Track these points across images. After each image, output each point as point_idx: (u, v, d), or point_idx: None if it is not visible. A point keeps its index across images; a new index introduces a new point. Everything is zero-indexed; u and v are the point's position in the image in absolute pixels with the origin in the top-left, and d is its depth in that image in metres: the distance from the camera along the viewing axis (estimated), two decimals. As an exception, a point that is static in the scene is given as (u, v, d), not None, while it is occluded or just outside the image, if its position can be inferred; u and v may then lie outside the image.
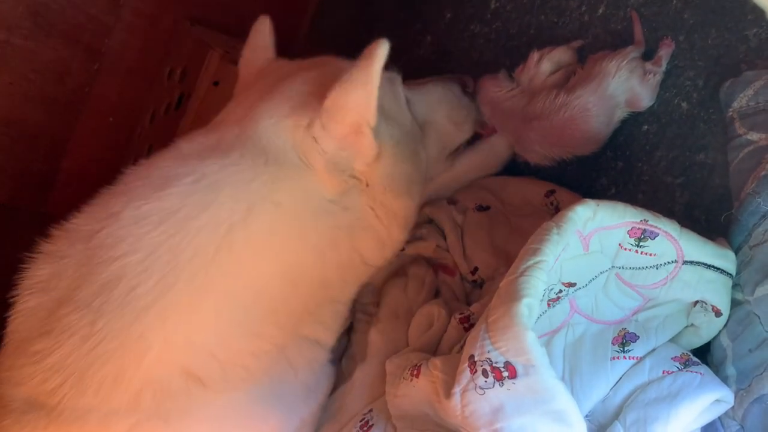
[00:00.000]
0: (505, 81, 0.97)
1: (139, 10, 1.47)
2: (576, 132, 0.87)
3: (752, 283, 0.69)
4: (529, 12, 1.04)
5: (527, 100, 0.92)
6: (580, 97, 0.85)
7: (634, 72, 0.84)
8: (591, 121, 0.85)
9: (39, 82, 1.46)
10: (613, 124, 0.88)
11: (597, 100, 0.84)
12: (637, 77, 0.85)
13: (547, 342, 0.72)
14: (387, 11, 1.31)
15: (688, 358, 0.69)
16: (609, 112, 0.86)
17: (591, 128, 0.86)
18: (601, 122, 0.86)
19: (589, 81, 0.85)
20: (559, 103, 0.86)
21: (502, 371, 0.58)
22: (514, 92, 0.95)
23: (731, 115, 0.78)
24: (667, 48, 0.86)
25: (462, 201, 0.98)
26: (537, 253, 0.63)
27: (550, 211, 0.90)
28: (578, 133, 0.87)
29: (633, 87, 0.85)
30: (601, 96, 0.84)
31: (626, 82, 0.84)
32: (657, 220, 0.68)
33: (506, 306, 0.59)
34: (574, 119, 0.86)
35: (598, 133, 0.87)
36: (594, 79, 0.85)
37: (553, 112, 0.87)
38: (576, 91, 0.85)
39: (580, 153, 0.90)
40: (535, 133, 0.90)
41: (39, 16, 1.40)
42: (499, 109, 0.95)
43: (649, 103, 0.86)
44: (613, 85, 0.84)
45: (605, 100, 0.85)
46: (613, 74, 0.84)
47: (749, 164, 0.74)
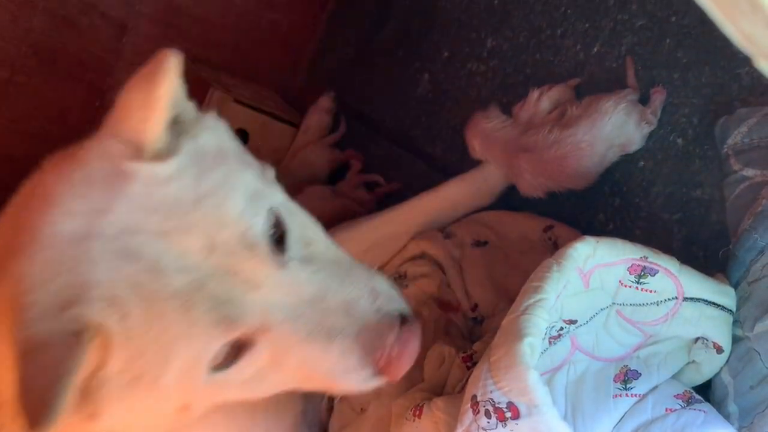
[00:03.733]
0: (495, 113, 0.98)
1: (141, 49, 1.49)
2: (567, 168, 0.88)
3: (752, 319, 0.69)
4: (525, 50, 1.06)
5: (520, 131, 0.93)
6: (574, 135, 0.86)
7: (630, 116, 0.86)
8: (582, 160, 0.86)
9: (41, 120, 1.48)
10: (605, 164, 0.88)
11: (591, 140, 0.85)
12: (633, 122, 0.86)
13: (548, 380, 0.72)
14: (385, 50, 1.33)
15: (690, 396, 0.69)
16: (602, 152, 0.87)
17: (582, 166, 0.87)
18: (593, 161, 0.87)
19: (585, 120, 0.86)
20: (552, 139, 0.87)
21: (505, 412, 0.58)
22: (506, 123, 0.96)
23: (726, 151, 0.79)
24: (659, 96, 0.87)
25: (458, 235, 0.98)
26: (538, 291, 0.63)
27: (549, 247, 0.91)
28: (569, 169, 0.88)
29: (628, 131, 0.86)
30: (595, 136, 0.85)
31: (623, 125, 0.85)
32: (657, 257, 0.69)
33: (508, 345, 0.59)
34: (565, 156, 0.87)
35: (588, 171, 0.88)
36: (589, 118, 0.86)
37: (545, 147, 0.88)
38: (570, 129, 0.87)
39: (570, 187, 0.91)
40: (525, 164, 0.91)
41: (42, 55, 1.42)
42: (490, 140, 0.96)
43: (638, 147, 0.88)
44: (608, 127, 0.85)
45: (599, 141, 0.86)
46: (609, 116, 0.85)
47: (745, 200, 0.75)
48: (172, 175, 0.58)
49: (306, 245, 0.66)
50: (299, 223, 0.67)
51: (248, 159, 0.68)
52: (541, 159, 0.89)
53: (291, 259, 0.62)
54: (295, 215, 0.67)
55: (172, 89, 0.60)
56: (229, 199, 0.60)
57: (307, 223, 0.69)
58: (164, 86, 0.59)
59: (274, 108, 1.41)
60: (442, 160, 1.17)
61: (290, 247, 0.63)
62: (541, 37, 1.04)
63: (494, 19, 1.12)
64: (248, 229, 0.59)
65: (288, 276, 0.61)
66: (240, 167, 0.64)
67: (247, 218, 0.60)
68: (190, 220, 0.57)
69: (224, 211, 0.59)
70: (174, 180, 0.58)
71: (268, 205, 0.63)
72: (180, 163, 0.59)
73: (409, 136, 1.23)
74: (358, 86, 1.38)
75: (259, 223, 0.60)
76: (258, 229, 0.60)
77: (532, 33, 1.06)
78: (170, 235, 0.56)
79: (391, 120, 1.28)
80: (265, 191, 0.65)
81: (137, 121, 0.59)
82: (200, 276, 0.56)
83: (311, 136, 1.39)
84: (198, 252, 0.56)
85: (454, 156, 1.14)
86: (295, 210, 0.69)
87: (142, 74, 0.62)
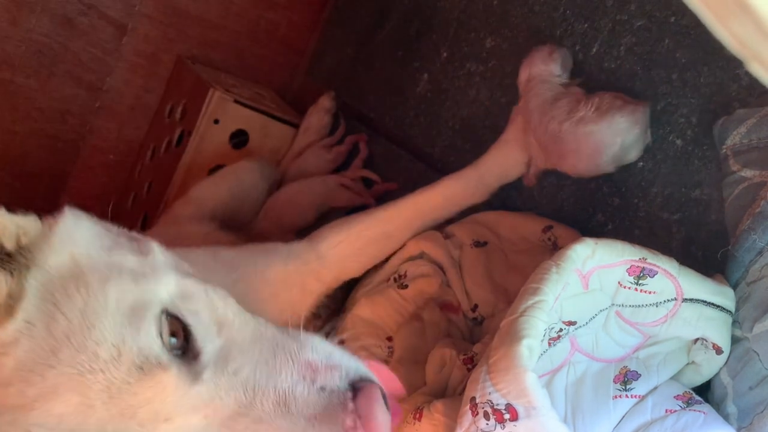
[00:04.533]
0: (558, 60, 0.95)
1: (141, 50, 1.49)
2: (581, 161, 0.87)
3: (750, 319, 0.69)
4: (524, 50, 1.06)
5: (554, 100, 0.91)
6: (598, 133, 0.85)
7: (646, 133, 0.86)
8: (598, 158, 0.86)
9: (41, 120, 1.48)
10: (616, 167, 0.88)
11: (600, 145, 0.85)
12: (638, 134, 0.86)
13: (548, 381, 0.72)
14: (384, 50, 1.33)
15: (690, 397, 0.69)
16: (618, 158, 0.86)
17: (596, 165, 0.87)
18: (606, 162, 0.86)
19: (600, 122, 0.85)
20: (581, 133, 0.86)
21: (504, 413, 0.58)
22: (554, 85, 0.93)
23: (725, 152, 0.79)
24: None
25: (458, 236, 0.98)
26: (536, 292, 0.63)
27: (548, 247, 0.91)
28: (582, 163, 0.87)
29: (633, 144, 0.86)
30: (606, 143, 0.85)
31: (641, 139, 0.86)
32: (655, 258, 0.69)
33: (506, 347, 0.59)
34: (580, 150, 0.86)
35: (598, 170, 0.88)
36: (605, 122, 0.85)
37: (558, 135, 0.87)
38: (585, 127, 0.85)
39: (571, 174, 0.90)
40: (536, 142, 0.91)
41: (42, 56, 1.42)
42: (530, 88, 0.94)
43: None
44: (618, 140, 0.85)
45: (621, 150, 0.85)
46: (624, 130, 0.84)
47: (744, 201, 0.75)
48: (18, 335, 0.48)
49: (219, 331, 0.56)
50: (206, 307, 0.57)
51: (118, 258, 0.57)
52: (558, 148, 0.88)
53: (205, 366, 0.53)
54: (197, 299, 0.57)
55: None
56: (93, 332, 0.49)
57: (214, 300, 0.59)
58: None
59: (274, 108, 1.41)
60: (441, 160, 1.17)
61: (201, 345, 0.54)
62: (540, 38, 1.04)
63: (493, 19, 1.12)
64: (135, 355, 0.49)
65: (204, 391, 0.51)
66: (103, 282, 0.53)
67: (128, 343, 0.49)
68: (53, 379, 0.47)
69: (90, 351, 0.48)
70: (22, 339, 0.48)
71: (157, 310, 0.53)
72: (25, 315, 0.49)
73: (408, 136, 1.23)
74: (358, 86, 1.38)
75: (147, 342, 0.51)
76: (150, 349, 0.50)
77: (531, 33, 1.06)
78: (36, 405, 0.47)
79: (391, 120, 1.28)
80: (147, 294, 0.54)
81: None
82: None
83: (311, 136, 1.39)
84: (75, 412, 0.47)
85: (454, 155, 1.14)
86: (197, 291, 0.58)
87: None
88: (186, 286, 0.58)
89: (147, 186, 1.45)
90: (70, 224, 0.58)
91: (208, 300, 0.58)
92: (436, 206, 0.97)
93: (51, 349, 0.48)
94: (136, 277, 0.55)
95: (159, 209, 1.34)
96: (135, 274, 0.56)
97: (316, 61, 1.55)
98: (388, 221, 0.97)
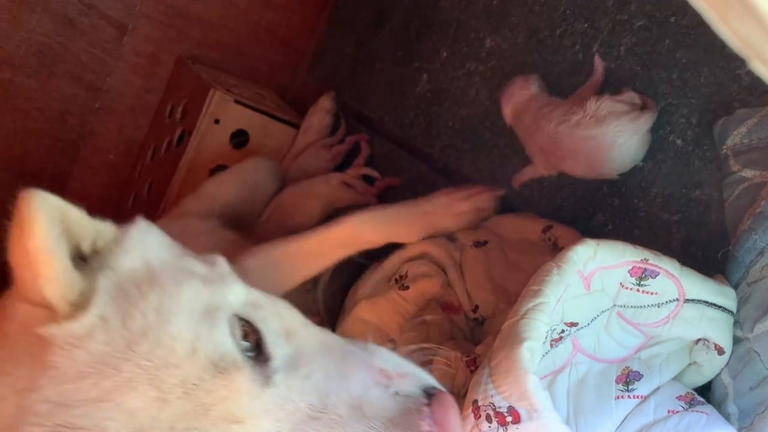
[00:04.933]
0: (535, 84, 0.97)
1: (141, 49, 1.49)
2: (578, 165, 0.87)
3: (751, 320, 0.69)
4: (524, 50, 1.06)
5: (549, 110, 0.91)
6: (597, 138, 0.84)
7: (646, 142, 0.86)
8: (597, 163, 0.86)
9: (41, 120, 1.48)
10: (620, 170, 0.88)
11: (602, 150, 0.85)
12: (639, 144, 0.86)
13: (550, 382, 0.72)
14: (384, 50, 1.33)
15: (693, 398, 0.69)
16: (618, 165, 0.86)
17: (594, 170, 0.87)
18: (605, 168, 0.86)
19: (603, 127, 0.84)
20: (578, 136, 0.86)
21: (506, 416, 0.58)
22: (541, 100, 0.94)
23: (725, 152, 0.79)
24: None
25: (460, 238, 0.98)
26: (538, 294, 0.64)
27: (548, 247, 0.91)
28: (580, 167, 0.88)
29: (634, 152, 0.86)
30: (608, 149, 0.85)
31: (642, 146, 0.86)
32: (657, 259, 0.69)
33: (508, 350, 0.60)
34: (577, 154, 0.86)
35: (597, 175, 0.88)
36: (607, 128, 0.84)
37: (562, 135, 0.87)
38: (587, 131, 0.85)
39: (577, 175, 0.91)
40: (540, 144, 0.91)
41: (42, 55, 1.42)
42: (522, 111, 0.95)
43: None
44: (622, 147, 0.85)
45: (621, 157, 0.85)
46: (625, 135, 0.84)
47: (745, 201, 0.75)
48: (92, 328, 0.49)
49: (288, 340, 0.56)
50: (274, 316, 0.57)
51: (188, 264, 0.58)
52: (551, 147, 0.89)
53: (276, 370, 0.52)
54: (265, 308, 0.57)
55: (48, 233, 0.50)
56: (170, 328, 0.50)
57: (281, 309, 0.59)
58: (37, 236, 0.49)
59: (275, 108, 1.42)
60: (441, 160, 1.17)
61: (272, 353, 0.54)
62: (540, 37, 1.04)
63: (493, 19, 1.12)
64: (210, 352, 0.50)
65: (276, 395, 0.51)
66: (176, 283, 0.54)
67: (204, 341, 0.50)
68: (127, 373, 0.48)
69: (167, 345, 0.49)
70: (96, 333, 0.49)
71: (228, 313, 0.54)
72: (99, 310, 0.50)
73: (408, 136, 1.23)
74: (358, 86, 1.38)
75: (222, 340, 0.51)
76: (225, 348, 0.51)
77: (530, 33, 1.06)
78: (109, 398, 0.47)
79: (390, 120, 1.28)
80: (218, 298, 0.55)
81: (32, 281, 0.50)
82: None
83: (312, 136, 1.39)
84: (149, 407, 0.47)
85: (453, 155, 1.14)
86: (264, 300, 0.59)
87: (15, 225, 0.51)
88: (254, 294, 0.59)
89: (147, 186, 1.46)
90: (143, 231, 0.59)
91: (275, 309, 0.58)
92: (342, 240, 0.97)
93: (127, 343, 0.49)
94: (206, 282, 0.56)
95: (160, 209, 1.34)
96: (205, 279, 0.57)
97: (317, 61, 1.55)
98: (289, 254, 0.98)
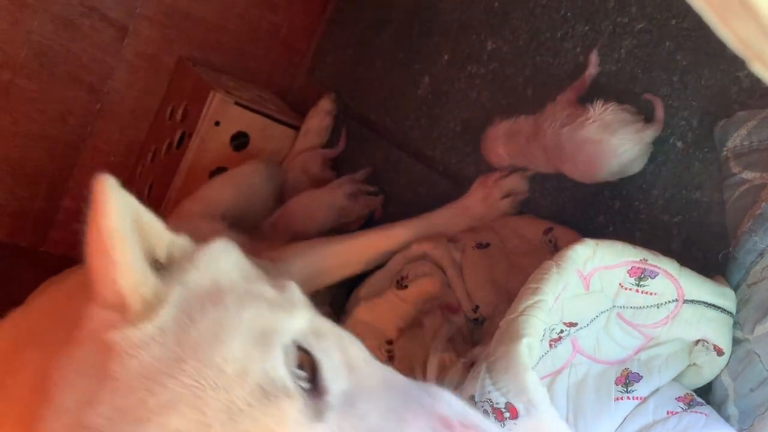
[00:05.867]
0: (505, 120, 0.99)
1: (141, 51, 1.50)
2: (577, 168, 0.88)
3: (751, 321, 0.69)
4: (525, 53, 1.07)
5: (537, 124, 0.93)
6: (598, 144, 0.84)
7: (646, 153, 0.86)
8: (596, 168, 0.86)
9: (41, 122, 1.49)
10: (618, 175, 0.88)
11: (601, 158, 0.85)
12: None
13: (550, 383, 0.72)
14: (386, 52, 1.33)
15: (692, 399, 0.69)
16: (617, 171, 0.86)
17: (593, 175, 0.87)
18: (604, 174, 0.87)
19: (602, 144, 0.84)
20: (579, 140, 0.85)
21: (504, 412, 0.58)
22: (521, 121, 0.97)
23: (726, 154, 0.79)
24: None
25: (462, 240, 0.98)
26: (536, 292, 0.63)
27: (549, 249, 0.91)
28: (578, 171, 0.88)
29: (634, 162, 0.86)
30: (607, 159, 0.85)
31: (643, 156, 0.85)
32: (656, 259, 0.69)
33: (506, 346, 0.59)
34: (576, 157, 0.86)
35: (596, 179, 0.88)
36: (607, 143, 0.84)
37: (561, 140, 0.87)
38: (602, 134, 0.84)
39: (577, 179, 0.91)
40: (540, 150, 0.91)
41: (44, 57, 1.43)
42: (514, 137, 0.96)
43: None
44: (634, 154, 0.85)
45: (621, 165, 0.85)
46: (625, 147, 0.84)
47: (745, 203, 0.75)
48: (150, 338, 0.48)
49: (348, 374, 0.53)
50: (337, 348, 0.54)
51: (257, 288, 0.57)
52: (553, 148, 0.89)
53: (330, 407, 0.49)
54: (328, 338, 0.55)
55: (123, 215, 0.49)
56: (222, 348, 0.47)
57: (345, 342, 0.56)
58: (112, 215, 0.48)
59: (275, 110, 1.42)
60: (442, 162, 1.17)
61: (328, 385, 0.51)
62: (541, 40, 1.04)
63: (494, 21, 1.12)
64: (260, 377, 0.47)
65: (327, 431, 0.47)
66: (240, 304, 0.52)
67: (255, 364, 0.47)
68: (174, 390, 0.46)
69: (216, 366, 0.47)
70: (152, 344, 0.47)
71: (286, 340, 0.51)
72: (161, 321, 0.49)
73: (409, 138, 1.23)
74: (358, 88, 1.38)
75: (275, 365, 0.48)
76: (277, 373, 0.48)
77: (531, 35, 1.06)
78: (153, 418, 0.45)
79: (391, 122, 1.28)
80: (278, 323, 0.52)
81: (106, 270, 0.49)
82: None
83: (312, 138, 1.39)
84: (190, 429, 0.45)
85: (455, 158, 1.14)
86: (328, 330, 0.56)
87: (91, 209, 0.50)
88: (320, 323, 0.56)
89: (148, 187, 1.46)
90: (218, 250, 0.58)
91: (339, 341, 0.56)
92: (386, 247, 1.02)
93: (177, 359, 0.47)
94: (271, 306, 0.54)
95: (160, 211, 1.34)
96: (271, 303, 0.55)
97: (317, 63, 1.55)
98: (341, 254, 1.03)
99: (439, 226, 1.03)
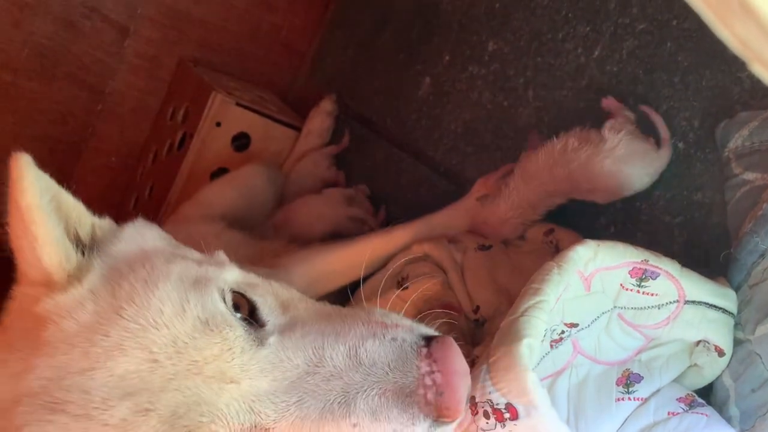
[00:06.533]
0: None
1: (142, 52, 1.50)
2: (595, 195, 0.87)
3: (753, 322, 0.69)
4: (526, 54, 1.07)
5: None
6: (630, 173, 0.84)
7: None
8: (612, 193, 0.85)
9: (43, 123, 1.49)
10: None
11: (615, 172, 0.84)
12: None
13: (551, 383, 0.71)
14: (386, 53, 1.33)
15: (693, 399, 0.69)
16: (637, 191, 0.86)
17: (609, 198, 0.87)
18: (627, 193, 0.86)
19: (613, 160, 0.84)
20: (597, 171, 0.85)
21: (504, 413, 0.58)
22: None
23: (727, 155, 0.79)
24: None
25: (463, 241, 0.98)
26: (538, 293, 0.63)
27: (550, 250, 0.91)
28: (596, 196, 0.87)
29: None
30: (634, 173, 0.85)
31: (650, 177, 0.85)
32: (657, 260, 0.69)
33: (507, 347, 0.59)
34: (596, 189, 0.86)
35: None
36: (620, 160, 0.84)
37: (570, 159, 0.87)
38: (618, 165, 0.84)
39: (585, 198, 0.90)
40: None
41: (44, 58, 1.43)
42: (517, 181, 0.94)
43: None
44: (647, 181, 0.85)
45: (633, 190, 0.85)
46: (635, 164, 0.84)
47: (746, 204, 0.75)
48: (82, 300, 0.50)
49: (284, 311, 0.57)
50: (269, 293, 0.58)
51: (182, 251, 0.60)
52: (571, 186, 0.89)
53: (270, 333, 0.53)
54: (260, 287, 0.58)
55: (39, 191, 0.51)
56: (157, 292, 0.50)
57: (277, 288, 0.60)
58: (29, 191, 0.50)
59: (276, 111, 1.42)
60: (443, 163, 1.17)
61: (266, 319, 0.54)
62: (542, 41, 1.04)
63: (495, 22, 1.12)
64: (200, 312, 0.50)
65: (271, 354, 0.50)
66: (167, 261, 0.55)
67: (192, 302, 0.51)
68: (117, 335, 0.48)
69: (154, 307, 0.49)
70: (86, 303, 0.50)
71: (220, 284, 0.54)
72: (90, 285, 0.51)
73: (410, 139, 1.24)
74: (359, 89, 1.38)
75: (212, 304, 0.51)
76: (215, 309, 0.51)
77: (533, 36, 1.06)
78: (99, 365, 0.47)
79: (392, 123, 1.28)
80: (210, 274, 0.55)
81: (30, 247, 0.51)
82: (150, 395, 0.46)
83: (313, 139, 1.39)
84: (139, 369, 0.47)
85: (456, 158, 1.14)
86: (259, 281, 0.59)
87: (9, 187, 0.52)
88: (250, 277, 0.59)
89: (149, 188, 1.46)
90: (141, 226, 0.62)
91: (271, 288, 0.59)
92: (387, 251, 1.02)
93: (115, 310, 0.49)
94: (200, 263, 0.57)
95: (161, 212, 1.34)
96: (200, 262, 0.58)
97: (318, 64, 1.55)
98: (342, 260, 1.02)
99: (440, 227, 1.03)
